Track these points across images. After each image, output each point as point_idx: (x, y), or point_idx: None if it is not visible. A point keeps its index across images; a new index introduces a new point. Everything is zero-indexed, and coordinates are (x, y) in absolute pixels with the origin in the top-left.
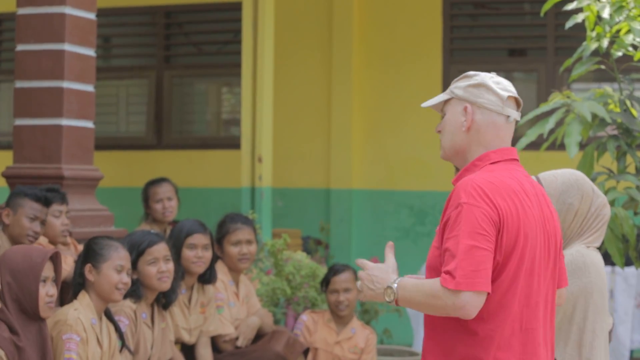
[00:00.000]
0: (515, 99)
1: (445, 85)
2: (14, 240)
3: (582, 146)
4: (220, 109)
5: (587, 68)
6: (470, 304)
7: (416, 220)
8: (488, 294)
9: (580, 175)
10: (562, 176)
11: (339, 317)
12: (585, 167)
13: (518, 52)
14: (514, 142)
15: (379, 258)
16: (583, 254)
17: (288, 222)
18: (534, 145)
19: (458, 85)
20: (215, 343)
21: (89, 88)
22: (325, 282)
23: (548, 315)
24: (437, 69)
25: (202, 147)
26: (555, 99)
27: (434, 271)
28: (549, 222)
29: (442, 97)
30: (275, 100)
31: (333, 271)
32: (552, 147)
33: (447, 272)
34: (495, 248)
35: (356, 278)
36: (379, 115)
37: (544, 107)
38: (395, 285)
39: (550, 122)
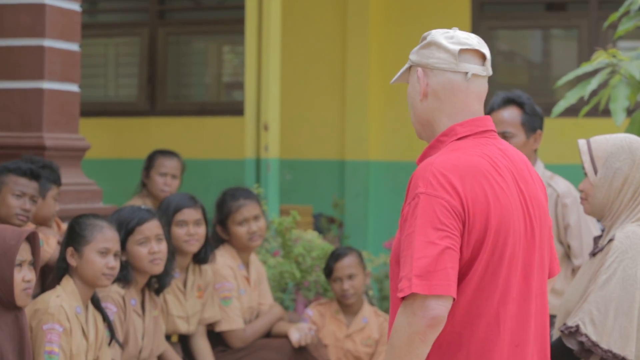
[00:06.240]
0: (478, 52)
1: None
2: (3, 223)
3: (629, 112)
4: (221, 71)
5: (636, 23)
6: (433, 310)
7: None
8: (454, 299)
9: (636, 140)
10: (613, 139)
11: (347, 307)
12: (633, 135)
13: (557, 6)
14: (551, 107)
15: None
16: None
17: (297, 198)
18: (573, 111)
19: (413, 51)
20: (225, 338)
21: (74, 47)
22: (328, 269)
23: (539, 311)
24: (465, 25)
25: (200, 114)
26: (599, 58)
27: (398, 265)
28: (532, 201)
29: (404, 68)
30: (283, 61)
31: (334, 257)
32: (595, 113)
33: (402, 278)
34: (462, 244)
35: (361, 261)
36: None
37: (586, 67)
38: None
39: (593, 84)
